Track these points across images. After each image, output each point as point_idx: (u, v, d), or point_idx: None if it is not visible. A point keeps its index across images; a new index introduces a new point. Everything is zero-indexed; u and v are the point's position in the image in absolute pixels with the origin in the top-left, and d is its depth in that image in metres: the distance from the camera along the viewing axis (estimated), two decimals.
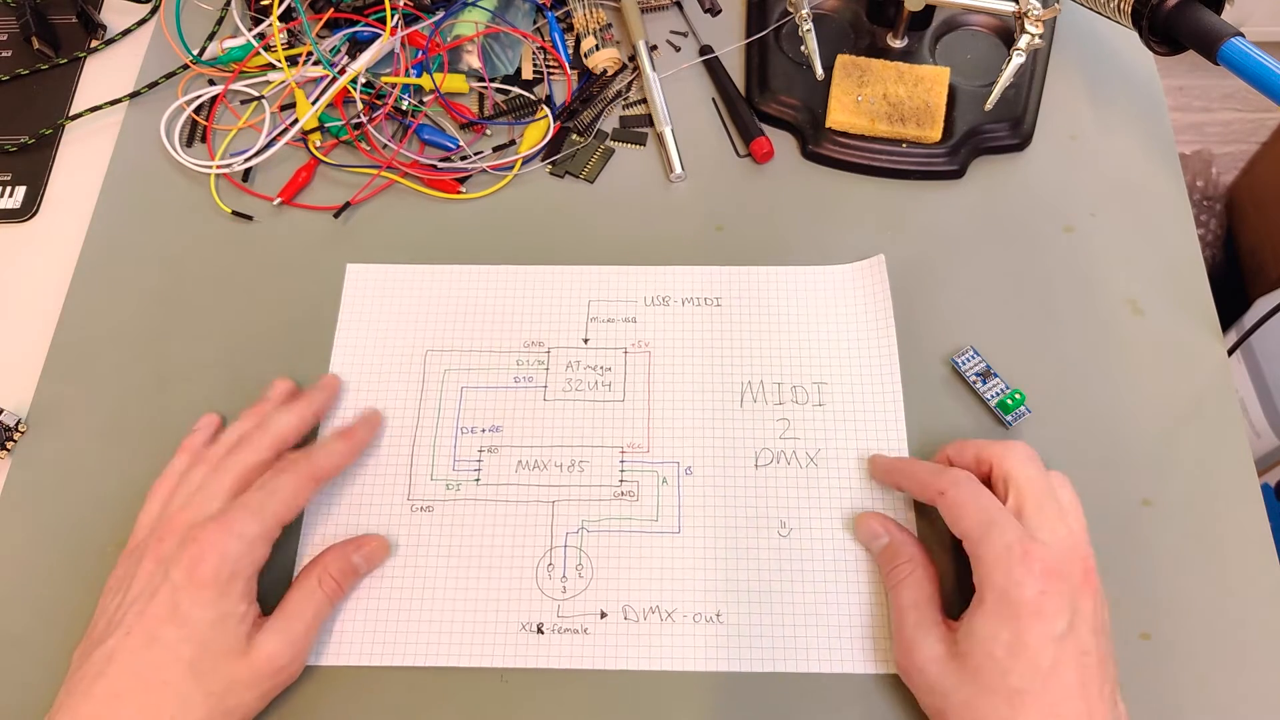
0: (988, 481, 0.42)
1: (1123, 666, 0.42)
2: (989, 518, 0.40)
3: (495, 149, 0.57)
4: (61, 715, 0.37)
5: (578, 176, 0.57)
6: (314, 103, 0.56)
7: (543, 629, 0.44)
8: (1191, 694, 0.43)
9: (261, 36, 0.59)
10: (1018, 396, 0.48)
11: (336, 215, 0.55)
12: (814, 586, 0.44)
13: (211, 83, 0.59)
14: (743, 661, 0.43)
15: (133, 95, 0.59)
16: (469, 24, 0.59)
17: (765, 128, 0.58)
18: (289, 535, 0.44)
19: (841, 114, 0.56)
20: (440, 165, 0.56)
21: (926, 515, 0.46)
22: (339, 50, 0.59)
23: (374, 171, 0.56)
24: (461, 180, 0.56)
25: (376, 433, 0.48)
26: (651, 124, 0.58)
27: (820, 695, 0.42)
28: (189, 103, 0.58)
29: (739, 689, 0.43)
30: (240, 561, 0.39)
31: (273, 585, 0.43)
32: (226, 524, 0.40)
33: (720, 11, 0.63)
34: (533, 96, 0.59)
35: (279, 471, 0.43)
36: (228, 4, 0.62)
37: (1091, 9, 0.53)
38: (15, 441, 0.48)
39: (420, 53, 0.58)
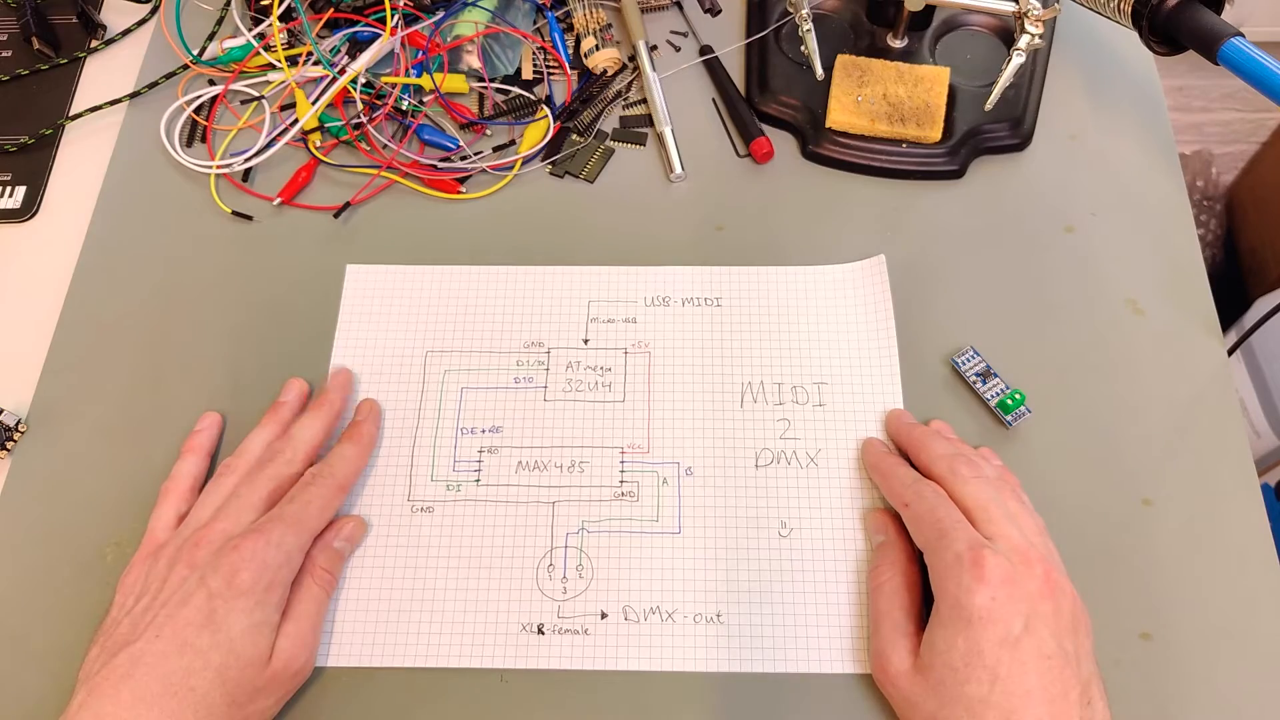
0: None
1: (1123, 666, 0.43)
2: (942, 529, 0.40)
3: (495, 149, 0.57)
4: (84, 714, 0.36)
5: (578, 176, 0.57)
6: (314, 103, 0.56)
7: (543, 630, 0.44)
8: (1191, 694, 0.42)
9: (261, 36, 0.59)
10: (1018, 396, 0.48)
11: (336, 215, 0.55)
12: (814, 586, 0.44)
13: (211, 83, 0.59)
14: (743, 662, 0.43)
15: (133, 95, 0.59)
16: (469, 24, 0.59)
17: (765, 128, 0.58)
18: None
19: (841, 114, 0.56)
20: (440, 165, 0.56)
21: None
22: (339, 50, 0.59)
23: (374, 171, 0.56)
24: (461, 180, 0.56)
25: (380, 421, 0.48)
26: (651, 124, 0.58)
27: (821, 696, 0.42)
28: (189, 103, 0.58)
29: (739, 689, 0.43)
30: (279, 572, 0.40)
31: None
32: (265, 535, 0.40)
33: (720, 11, 0.63)
34: (533, 96, 0.58)
35: (307, 484, 0.43)
36: (228, 4, 0.62)
37: (1091, 9, 0.53)
38: (15, 441, 0.48)
39: (420, 53, 0.58)
